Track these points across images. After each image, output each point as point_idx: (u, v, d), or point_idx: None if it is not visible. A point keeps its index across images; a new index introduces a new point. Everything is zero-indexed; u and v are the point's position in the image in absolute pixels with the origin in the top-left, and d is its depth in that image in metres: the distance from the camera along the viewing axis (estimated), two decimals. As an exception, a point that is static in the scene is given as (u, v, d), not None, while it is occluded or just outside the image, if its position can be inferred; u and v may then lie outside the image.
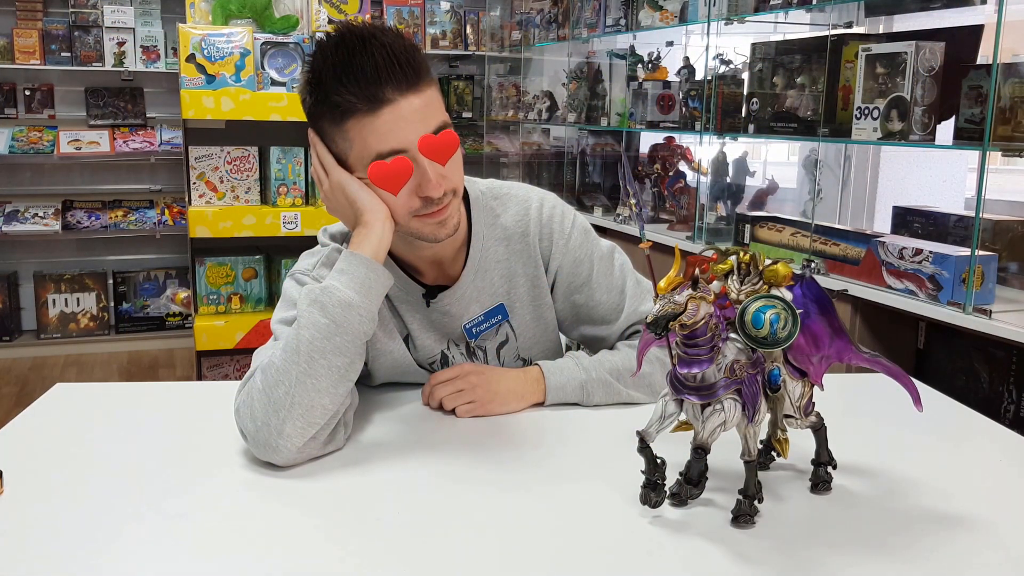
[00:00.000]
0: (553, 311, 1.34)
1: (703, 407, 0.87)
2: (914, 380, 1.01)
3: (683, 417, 0.90)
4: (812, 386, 0.96)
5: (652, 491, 0.90)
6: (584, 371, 1.24)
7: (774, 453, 1.00)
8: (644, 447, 0.89)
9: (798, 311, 0.86)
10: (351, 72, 1.05)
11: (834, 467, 0.99)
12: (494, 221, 1.29)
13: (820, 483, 0.98)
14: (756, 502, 0.89)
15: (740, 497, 0.89)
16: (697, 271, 0.87)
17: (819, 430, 0.98)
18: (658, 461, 0.90)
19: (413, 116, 1.07)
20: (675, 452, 0.93)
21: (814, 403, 0.97)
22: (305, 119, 1.15)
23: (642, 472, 0.91)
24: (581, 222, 1.33)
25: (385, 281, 1.11)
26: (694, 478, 0.92)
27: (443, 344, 1.30)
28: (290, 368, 1.03)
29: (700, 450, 0.89)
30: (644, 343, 1.07)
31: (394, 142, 1.07)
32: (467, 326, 1.29)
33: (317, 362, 1.03)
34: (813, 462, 0.99)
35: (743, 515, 0.89)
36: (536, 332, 1.33)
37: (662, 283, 0.86)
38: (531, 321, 1.32)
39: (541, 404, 1.24)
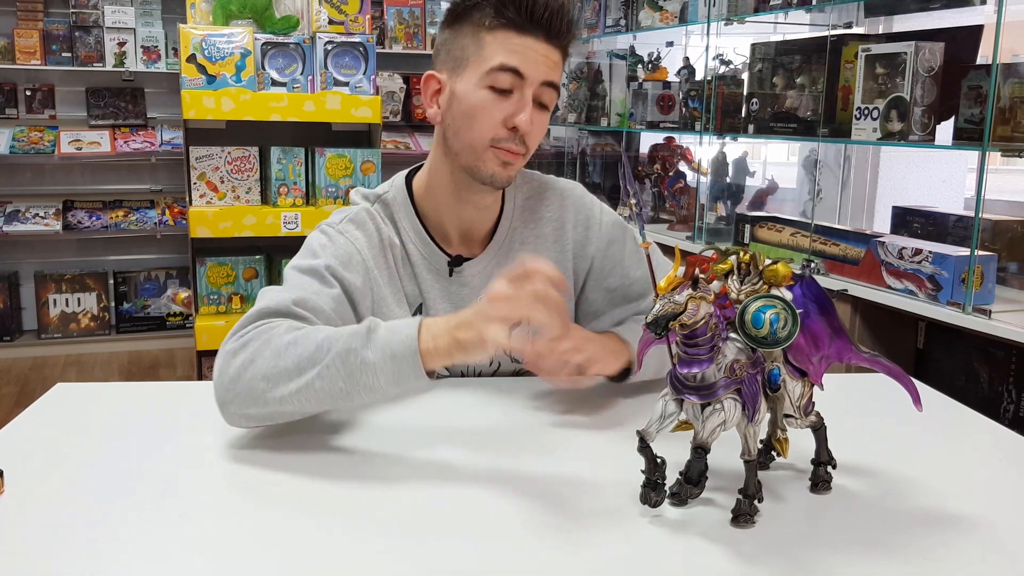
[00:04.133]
0: (572, 301, 1.37)
1: (703, 407, 0.87)
2: (914, 380, 1.01)
3: (683, 417, 0.90)
4: (812, 386, 0.96)
5: (652, 491, 0.90)
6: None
7: (774, 453, 1.00)
8: (644, 447, 0.89)
9: (798, 311, 0.86)
10: None
11: (834, 467, 0.99)
12: (524, 203, 1.36)
13: (820, 483, 0.98)
14: (756, 502, 0.89)
15: (740, 497, 0.89)
16: (697, 271, 0.87)
17: (819, 430, 0.98)
18: (658, 461, 0.90)
19: (544, 60, 1.18)
20: (675, 452, 0.93)
21: (814, 403, 0.97)
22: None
23: (642, 472, 0.91)
24: (605, 206, 1.41)
25: (419, 387, 1.05)
26: (694, 478, 0.92)
27: None
28: (291, 383, 1.01)
29: (700, 449, 0.89)
30: (644, 342, 1.07)
31: (518, 63, 1.17)
32: None
33: (319, 399, 1.02)
34: (813, 462, 0.99)
35: (743, 515, 0.89)
36: None
37: (662, 283, 0.86)
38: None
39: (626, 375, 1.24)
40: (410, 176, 1.33)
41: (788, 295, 0.89)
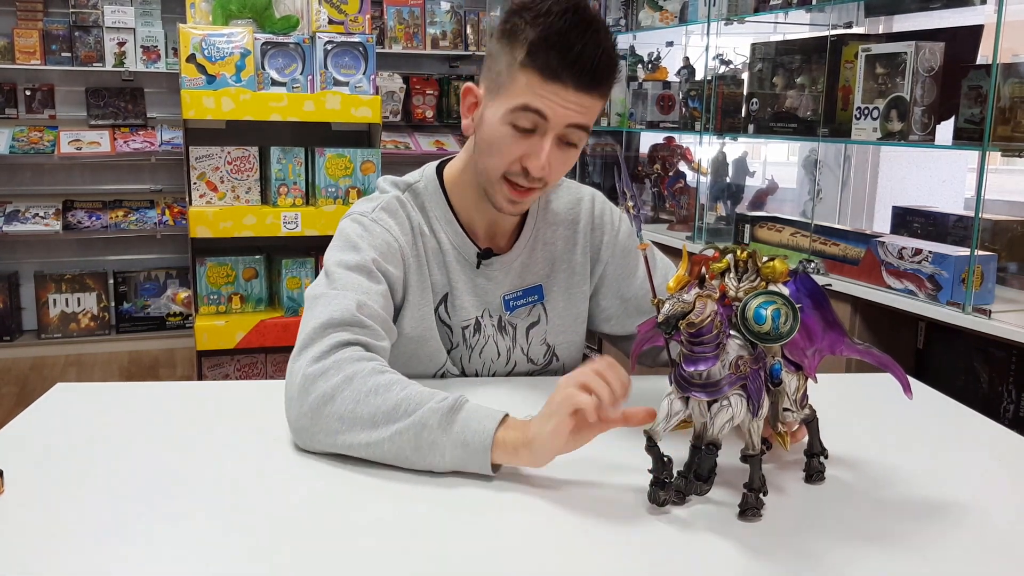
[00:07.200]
0: (586, 302, 1.40)
1: (710, 404, 0.88)
2: (910, 378, 1.03)
3: (687, 415, 0.91)
4: (806, 379, 0.97)
5: (660, 489, 0.91)
6: None
7: (764, 446, 1.01)
8: (652, 445, 0.90)
9: (797, 305, 0.87)
10: (559, 41, 1.10)
11: (826, 457, 1.01)
12: (547, 206, 1.37)
13: (814, 473, 1.00)
14: (761, 495, 0.90)
15: (746, 491, 0.90)
16: (704, 269, 0.89)
17: (811, 422, 1.00)
18: (665, 459, 0.91)
19: (574, 107, 1.14)
20: (681, 450, 0.94)
21: (807, 396, 0.99)
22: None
23: (649, 471, 0.91)
24: (626, 217, 1.42)
25: (481, 470, 0.99)
26: (704, 474, 0.93)
27: (479, 311, 1.32)
28: (362, 434, 1.00)
29: (712, 446, 0.90)
30: (638, 342, 1.08)
31: (542, 106, 1.13)
32: (506, 297, 1.33)
33: (384, 458, 1.01)
34: (806, 453, 1.01)
35: (750, 508, 0.90)
36: (566, 320, 1.38)
37: (671, 282, 0.89)
38: (563, 309, 1.37)
39: None
40: (440, 167, 1.34)
41: (785, 291, 0.90)
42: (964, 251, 2.07)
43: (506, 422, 0.99)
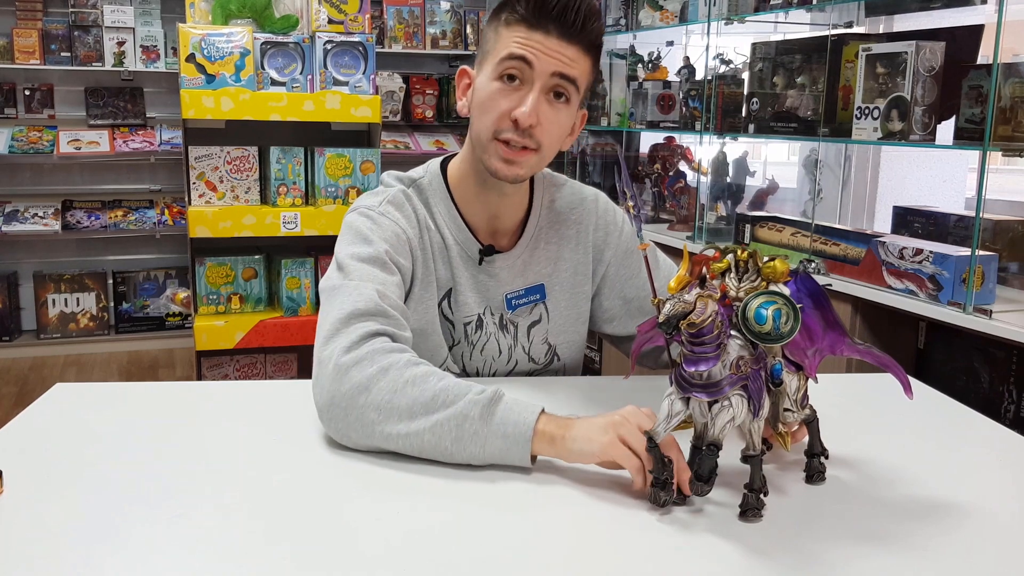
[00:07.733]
0: (588, 302, 1.40)
1: (711, 404, 0.88)
2: (911, 378, 1.03)
3: (688, 415, 0.91)
4: (807, 379, 0.97)
5: (661, 490, 0.91)
6: None
7: (763, 447, 1.01)
8: (652, 446, 0.90)
9: (798, 305, 0.87)
10: None
11: (826, 457, 1.01)
12: (550, 205, 1.38)
13: (815, 474, 1.00)
14: (762, 495, 0.90)
15: (746, 491, 0.90)
16: (704, 269, 0.89)
17: (812, 422, 1.00)
18: (666, 460, 0.91)
19: (557, 55, 1.16)
20: (682, 451, 0.93)
21: (808, 396, 0.99)
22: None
23: (650, 472, 0.91)
24: (627, 217, 1.42)
25: (520, 462, 1.00)
26: (704, 475, 0.93)
27: (481, 308, 1.32)
28: (400, 424, 1.00)
29: (713, 447, 0.90)
30: (639, 342, 1.08)
31: (526, 54, 1.15)
32: (508, 296, 1.33)
33: (422, 450, 1.01)
34: (807, 453, 1.01)
35: (751, 509, 0.90)
36: (568, 319, 1.38)
37: (672, 283, 0.89)
38: (565, 308, 1.37)
39: None
40: (444, 163, 1.34)
41: (786, 291, 0.90)
42: (965, 251, 2.07)
43: (544, 415, 1.00)
